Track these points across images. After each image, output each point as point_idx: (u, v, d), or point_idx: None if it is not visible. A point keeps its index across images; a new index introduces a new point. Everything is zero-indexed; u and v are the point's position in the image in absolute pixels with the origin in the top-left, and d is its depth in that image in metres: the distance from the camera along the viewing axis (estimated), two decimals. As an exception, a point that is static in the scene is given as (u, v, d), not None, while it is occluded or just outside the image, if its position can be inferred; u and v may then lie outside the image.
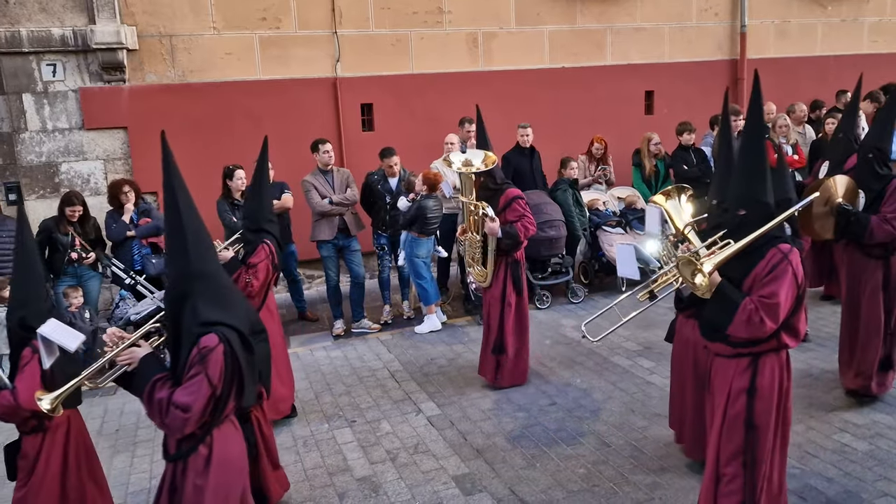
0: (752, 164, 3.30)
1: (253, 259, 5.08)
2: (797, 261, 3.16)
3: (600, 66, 10.12)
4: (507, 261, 5.78)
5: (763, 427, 3.22)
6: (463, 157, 5.78)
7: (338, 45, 8.89)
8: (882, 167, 4.93)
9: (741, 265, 3.20)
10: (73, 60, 7.99)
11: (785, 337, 3.21)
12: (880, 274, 4.96)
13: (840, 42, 11.50)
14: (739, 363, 3.26)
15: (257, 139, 8.32)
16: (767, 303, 3.08)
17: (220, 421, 3.01)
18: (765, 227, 3.17)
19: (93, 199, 8.01)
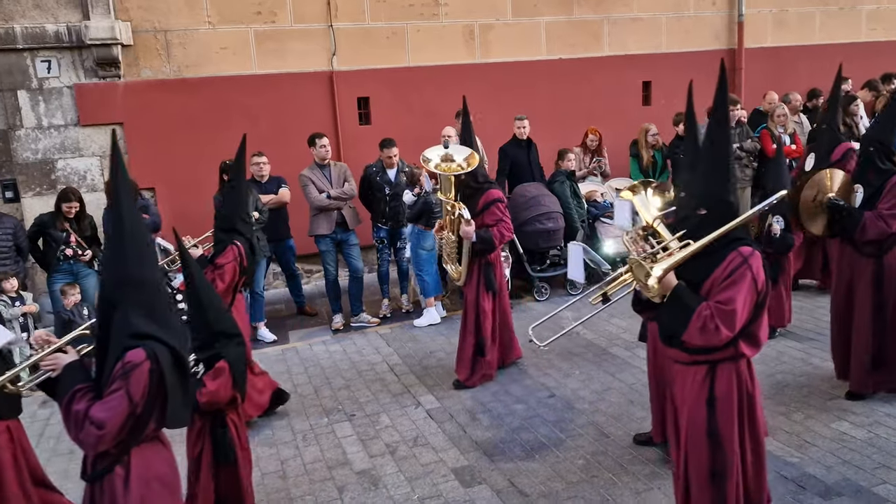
0: (714, 161, 3.12)
1: (220, 259, 5.02)
2: (758, 265, 2.97)
3: (597, 58, 10.08)
4: (481, 262, 5.67)
5: (727, 437, 3.06)
6: (443, 152, 5.56)
7: (333, 38, 8.85)
8: (884, 161, 4.76)
9: (702, 267, 3.02)
10: (68, 56, 7.95)
11: (743, 345, 3.03)
12: (871, 272, 4.81)
13: (838, 30, 11.46)
14: (697, 372, 3.09)
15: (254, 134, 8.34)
16: (723, 309, 2.90)
17: (140, 440, 2.81)
18: (722, 229, 2.99)
19: (89, 195, 7.99)
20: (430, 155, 5.59)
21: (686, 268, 3.03)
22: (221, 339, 3.68)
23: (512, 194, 8.29)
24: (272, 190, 7.58)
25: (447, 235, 5.72)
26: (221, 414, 3.72)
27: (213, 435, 3.72)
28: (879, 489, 3.96)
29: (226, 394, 3.65)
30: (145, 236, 2.97)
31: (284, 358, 6.81)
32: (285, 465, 4.78)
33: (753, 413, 3.13)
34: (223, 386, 3.62)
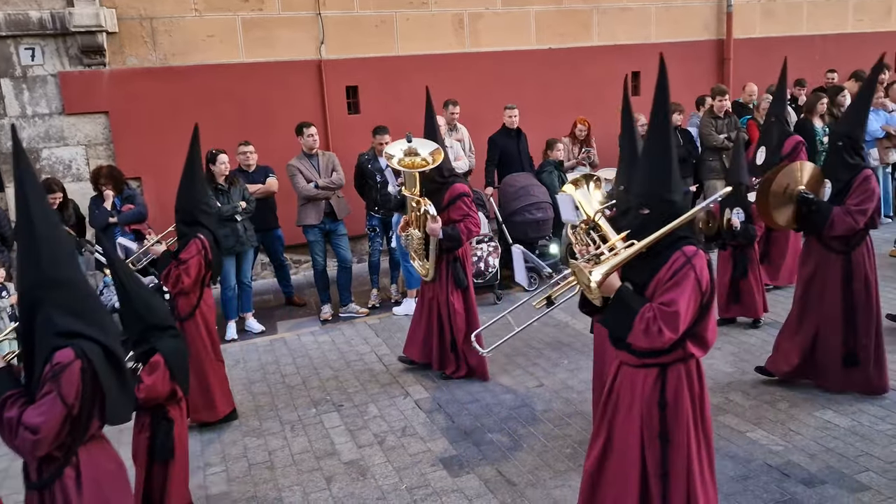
0: (656, 159, 3.02)
1: (183, 254, 4.94)
2: (702, 265, 2.90)
3: (587, 47, 10.07)
4: (448, 258, 5.54)
5: (678, 441, 3.03)
6: (406, 146, 5.38)
7: (322, 26, 8.79)
8: (853, 156, 4.71)
9: (647, 268, 2.96)
10: (52, 44, 7.86)
11: (690, 346, 2.97)
12: (840, 269, 4.76)
13: (825, 21, 11.51)
14: (648, 375, 3.03)
15: (241, 123, 8.34)
16: (666, 311, 2.82)
17: (84, 441, 2.75)
18: (664, 229, 2.92)
19: (75, 185, 7.93)
20: (393, 150, 5.41)
21: (632, 269, 2.99)
22: (155, 333, 3.59)
23: (501, 184, 8.29)
24: (259, 180, 7.54)
25: (413, 232, 5.55)
26: (163, 409, 3.66)
27: (155, 429, 3.66)
28: (862, 476, 4.00)
29: (164, 388, 3.58)
30: (59, 236, 2.83)
31: (273, 348, 6.80)
32: (273, 455, 4.78)
33: (703, 413, 3.12)
34: (160, 380, 3.55)
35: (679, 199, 3.02)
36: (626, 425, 3.11)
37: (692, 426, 3.04)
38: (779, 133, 5.71)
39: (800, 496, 3.86)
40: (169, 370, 3.57)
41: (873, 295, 4.80)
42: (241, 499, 4.30)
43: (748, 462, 4.25)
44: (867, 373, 4.83)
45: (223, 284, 7.20)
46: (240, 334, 7.19)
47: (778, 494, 3.90)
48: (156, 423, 3.67)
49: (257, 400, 5.69)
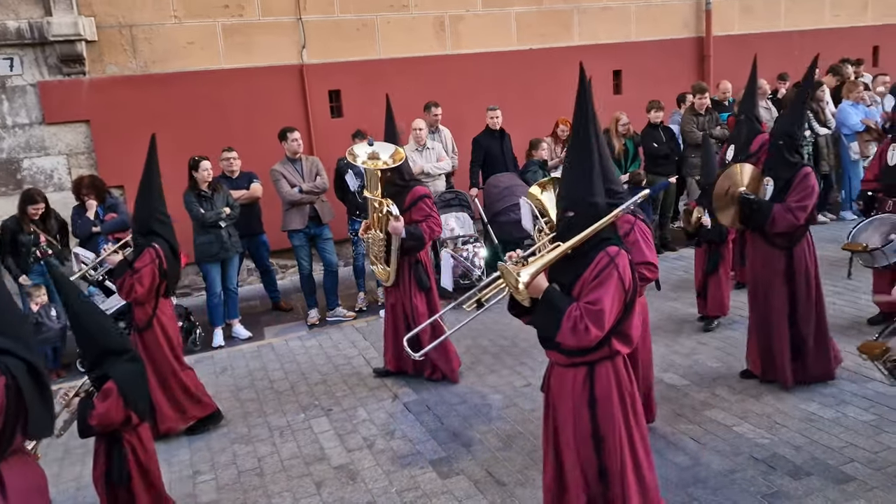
0: (578, 162, 3.10)
1: (137, 263, 4.91)
2: (624, 264, 2.98)
3: (568, 47, 10.12)
4: (410, 261, 5.55)
5: (609, 437, 3.08)
6: (370, 149, 5.45)
7: (303, 31, 8.78)
8: (792, 154, 4.80)
9: (572, 269, 3.03)
10: (31, 53, 7.81)
11: (616, 343, 3.05)
12: (783, 265, 4.85)
13: (803, 17, 11.63)
14: (577, 374, 3.10)
15: (224, 129, 8.31)
16: (592, 309, 2.90)
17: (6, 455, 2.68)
18: (588, 230, 2.99)
19: (57, 194, 7.88)
20: (358, 151, 5.47)
21: (559, 270, 3.06)
22: (109, 358, 3.53)
23: (485, 185, 8.31)
24: (243, 185, 7.52)
25: (374, 234, 5.55)
26: (117, 434, 3.59)
27: (109, 455, 3.61)
28: (847, 468, 4.05)
29: (117, 415, 3.50)
30: None
31: (260, 354, 6.78)
32: (262, 462, 4.77)
33: (636, 409, 3.16)
34: (113, 407, 3.47)
35: (602, 201, 3.10)
36: (564, 427, 3.17)
37: (623, 424, 3.10)
38: (748, 131, 5.73)
39: (786, 488, 3.90)
40: (123, 397, 3.48)
41: (813, 287, 4.90)
42: (231, 506, 4.29)
43: (735, 456, 4.28)
44: (809, 362, 4.94)
45: (209, 291, 7.17)
46: (227, 341, 7.16)
47: (765, 487, 3.94)
48: (110, 449, 3.61)
49: (245, 406, 5.67)
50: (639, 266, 3.83)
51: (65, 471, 4.90)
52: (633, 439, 3.13)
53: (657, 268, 4.03)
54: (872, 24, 12.13)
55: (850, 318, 6.18)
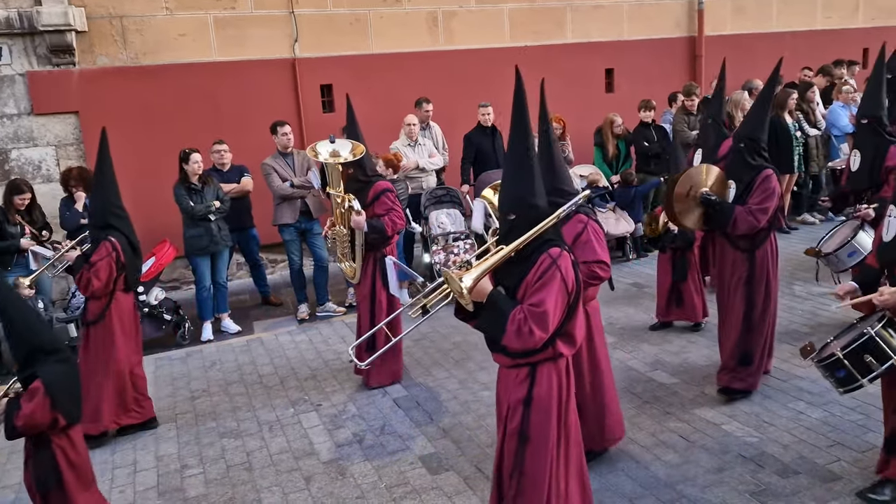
0: (518, 165, 3.11)
1: (93, 257, 4.87)
2: (567, 265, 2.99)
3: (560, 45, 10.12)
4: (376, 256, 5.54)
5: (537, 439, 3.06)
6: (331, 147, 5.45)
7: (295, 24, 8.74)
8: (754, 157, 4.77)
9: (516, 272, 3.04)
10: (20, 43, 7.72)
11: (560, 345, 3.06)
12: (745, 268, 4.81)
13: (795, 18, 11.68)
14: (519, 374, 3.12)
15: (215, 122, 8.27)
16: (535, 311, 2.91)
17: None
18: (529, 233, 3.00)
19: (45, 186, 7.82)
20: (320, 149, 5.47)
21: (503, 273, 3.07)
22: (39, 357, 3.38)
23: (477, 181, 8.30)
24: (234, 179, 7.48)
25: (338, 230, 5.54)
26: (45, 437, 3.40)
27: (34, 459, 3.44)
28: (834, 466, 4.08)
29: (43, 417, 3.31)
30: None
31: (249, 349, 6.76)
32: (251, 456, 4.75)
33: (568, 414, 3.15)
34: (39, 408, 3.29)
35: (543, 203, 3.10)
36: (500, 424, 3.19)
37: (555, 426, 3.09)
38: (715, 135, 5.68)
39: (774, 486, 3.92)
40: (50, 398, 3.30)
41: (772, 294, 4.86)
42: (220, 501, 4.26)
43: (723, 454, 4.30)
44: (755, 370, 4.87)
45: (198, 285, 7.14)
46: (216, 335, 7.13)
47: (753, 485, 3.96)
48: (36, 452, 3.43)
49: (234, 401, 5.65)
50: (591, 264, 3.85)
51: (7, 476, 4.80)
52: (560, 445, 3.11)
53: (609, 266, 3.98)
54: (863, 27, 12.21)
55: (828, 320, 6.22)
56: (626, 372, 5.56)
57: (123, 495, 4.41)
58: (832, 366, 3.60)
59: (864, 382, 3.52)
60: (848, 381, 3.56)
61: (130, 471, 4.69)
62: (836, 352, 3.55)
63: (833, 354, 3.57)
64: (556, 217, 3.10)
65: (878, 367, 3.46)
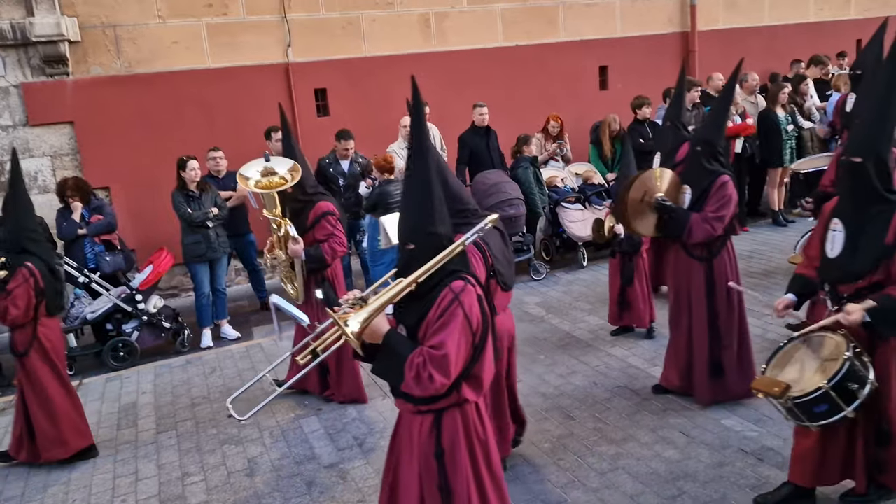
0: (415, 189, 2.83)
1: (10, 285, 4.68)
2: (470, 301, 2.69)
3: (554, 43, 10.13)
4: (317, 279, 5.36)
5: (460, 492, 2.83)
6: (262, 166, 5.08)
7: (288, 30, 8.74)
8: (710, 162, 4.60)
9: (417, 308, 2.75)
10: (13, 55, 7.73)
11: (466, 389, 2.77)
12: (703, 277, 4.66)
13: (787, 11, 11.69)
14: (424, 422, 2.83)
15: (210, 129, 8.28)
16: (435, 355, 2.61)
17: None
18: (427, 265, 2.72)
19: (42, 196, 7.82)
20: (249, 172, 5.08)
21: (405, 310, 2.80)
22: None
23: (473, 182, 8.28)
24: (230, 185, 7.48)
25: (278, 254, 5.29)
26: None
27: None
28: (834, 458, 4.08)
29: None
30: None
31: (249, 355, 6.76)
32: (252, 462, 4.76)
33: (490, 458, 2.92)
34: None
35: (445, 231, 2.81)
36: (408, 473, 2.94)
37: (472, 475, 2.85)
38: (674, 138, 5.57)
39: (774, 480, 3.92)
40: None
41: (735, 302, 4.71)
42: (221, 508, 4.28)
43: (723, 449, 4.31)
44: (730, 379, 4.73)
45: (197, 292, 7.14)
46: (215, 342, 7.14)
47: (753, 479, 3.97)
48: None
49: (235, 407, 5.63)
50: None
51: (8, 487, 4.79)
52: (484, 492, 2.89)
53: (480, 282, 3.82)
54: (856, 18, 12.21)
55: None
56: (625, 369, 5.57)
57: (125, 504, 4.42)
58: (814, 401, 3.29)
59: (849, 412, 3.28)
60: (829, 413, 3.30)
61: (132, 480, 4.70)
62: (823, 385, 3.26)
63: (819, 389, 3.26)
64: (462, 245, 2.81)
65: (860, 392, 3.27)
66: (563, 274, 8.27)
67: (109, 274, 6.90)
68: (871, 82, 5.36)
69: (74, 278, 6.71)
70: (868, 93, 4.07)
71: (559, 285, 7.93)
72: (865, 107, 3.58)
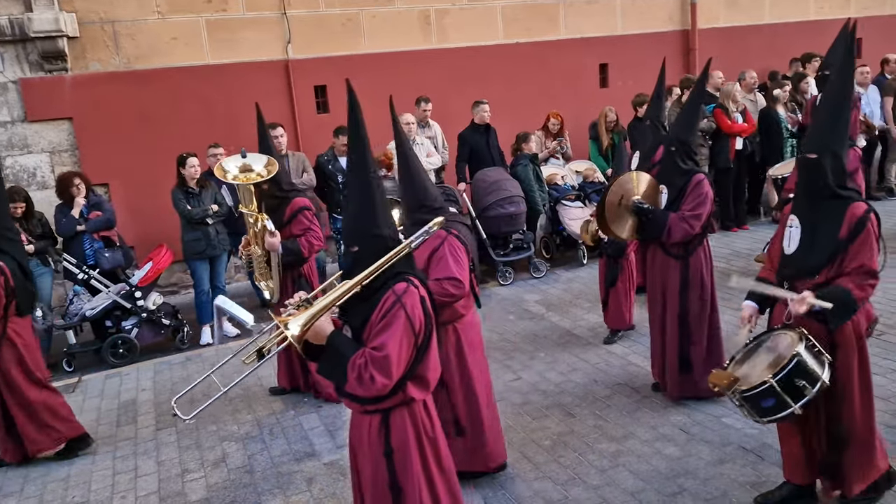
0: (358, 191, 2.86)
1: None
2: (413, 302, 2.73)
3: (554, 41, 10.12)
4: (293, 276, 5.36)
5: (409, 488, 2.86)
6: (241, 162, 5.16)
7: (288, 26, 8.72)
8: (685, 161, 4.62)
9: (362, 310, 2.78)
10: (12, 50, 7.72)
11: (411, 389, 2.81)
12: (678, 275, 4.68)
13: (788, 10, 11.68)
14: (372, 422, 2.86)
15: (209, 125, 8.26)
16: (377, 356, 2.65)
17: None
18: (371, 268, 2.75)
19: (40, 193, 7.80)
20: (229, 166, 5.17)
21: (351, 311, 2.84)
22: None
23: (473, 180, 8.30)
24: (229, 182, 7.46)
25: (254, 250, 5.29)
26: None
27: None
28: (835, 456, 4.08)
29: None
30: None
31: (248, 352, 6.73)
32: (252, 459, 4.75)
33: (439, 455, 2.96)
34: None
35: (388, 232, 2.85)
36: (364, 473, 2.98)
37: (423, 474, 2.89)
38: (653, 137, 5.57)
39: (774, 478, 3.91)
40: None
41: (708, 300, 4.73)
42: (221, 504, 4.27)
43: (723, 446, 4.31)
44: (696, 375, 4.72)
45: (197, 289, 7.13)
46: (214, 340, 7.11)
47: (754, 477, 3.96)
48: None
49: (234, 404, 5.64)
50: (443, 281, 3.72)
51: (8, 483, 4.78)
52: (435, 490, 2.93)
53: (463, 283, 3.82)
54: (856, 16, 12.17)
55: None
56: (625, 367, 5.56)
57: (125, 501, 4.41)
58: (761, 395, 3.29)
59: (797, 409, 3.25)
60: (777, 409, 3.28)
61: (131, 476, 4.69)
62: (769, 380, 3.25)
63: (765, 383, 3.26)
64: (408, 247, 2.85)
65: (809, 390, 3.23)
66: (563, 272, 8.26)
67: (109, 270, 6.88)
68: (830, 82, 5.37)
69: (73, 275, 6.70)
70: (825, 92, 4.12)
71: (559, 283, 7.93)
72: (822, 105, 3.60)
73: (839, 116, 3.37)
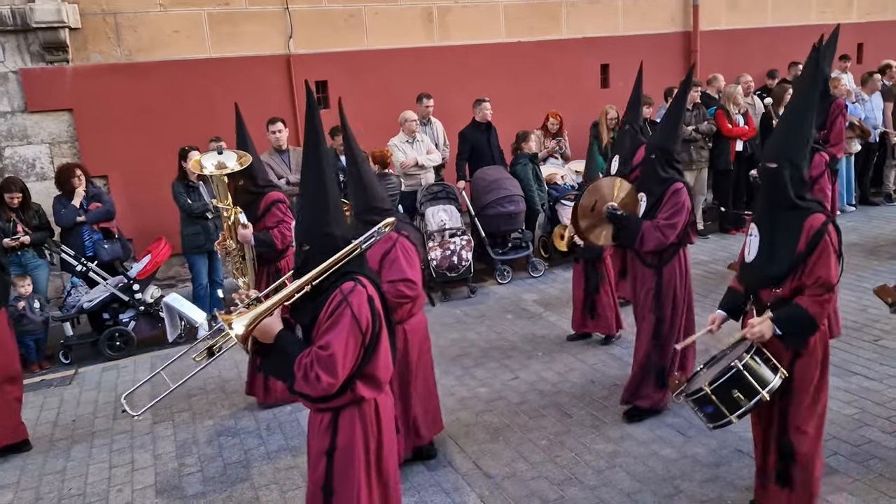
0: (311, 191, 2.87)
1: None
2: (359, 301, 2.73)
3: (556, 40, 10.11)
4: (269, 270, 5.33)
5: (342, 492, 2.82)
6: (217, 158, 5.21)
7: (290, 21, 8.70)
8: (665, 169, 4.56)
9: (311, 309, 2.78)
10: (13, 40, 7.68)
11: (361, 388, 2.80)
12: (653, 284, 4.64)
13: (790, 13, 11.69)
14: (323, 420, 2.85)
15: (210, 119, 8.23)
16: (322, 355, 2.65)
17: None
18: (319, 268, 2.76)
19: (39, 184, 7.78)
20: (206, 162, 5.23)
21: (300, 310, 2.84)
22: None
23: (473, 178, 8.30)
24: (230, 176, 7.45)
25: (229, 244, 5.31)
26: None
27: None
28: (831, 460, 4.09)
29: None
30: None
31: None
32: (249, 454, 4.75)
33: (381, 463, 2.93)
34: None
35: (339, 232, 2.85)
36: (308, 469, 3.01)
37: (363, 476, 2.86)
38: (631, 141, 5.58)
39: (770, 481, 3.94)
40: None
41: (681, 312, 4.66)
42: (218, 499, 4.26)
43: (720, 449, 4.32)
44: (650, 390, 4.73)
45: (195, 282, 7.12)
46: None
47: (750, 480, 3.96)
48: None
49: (231, 398, 5.64)
50: (397, 283, 3.74)
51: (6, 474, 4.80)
52: (372, 496, 2.90)
53: (417, 284, 3.85)
54: (858, 22, 12.22)
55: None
56: (623, 367, 5.57)
57: (121, 494, 4.41)
58: (700, 401, 3.38)
59: (733, 419, 3.29)
60: (716, 416, 3.35)
61: (128, 470, 4.69)
62: (704, 387, 3.31)
63: (701, 389, 3.33)
64: (358, 247, 2.85)
65: (746, 402, 3.25)
66: (561, 271, 8.27)
67: (107, 262, 6.87)
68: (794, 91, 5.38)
69: (72, 266, 6.69)
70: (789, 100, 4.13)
71: (557, 282, 7.93)
72: (784, 114, 3.60)
73: (800, 126, 3.35)
